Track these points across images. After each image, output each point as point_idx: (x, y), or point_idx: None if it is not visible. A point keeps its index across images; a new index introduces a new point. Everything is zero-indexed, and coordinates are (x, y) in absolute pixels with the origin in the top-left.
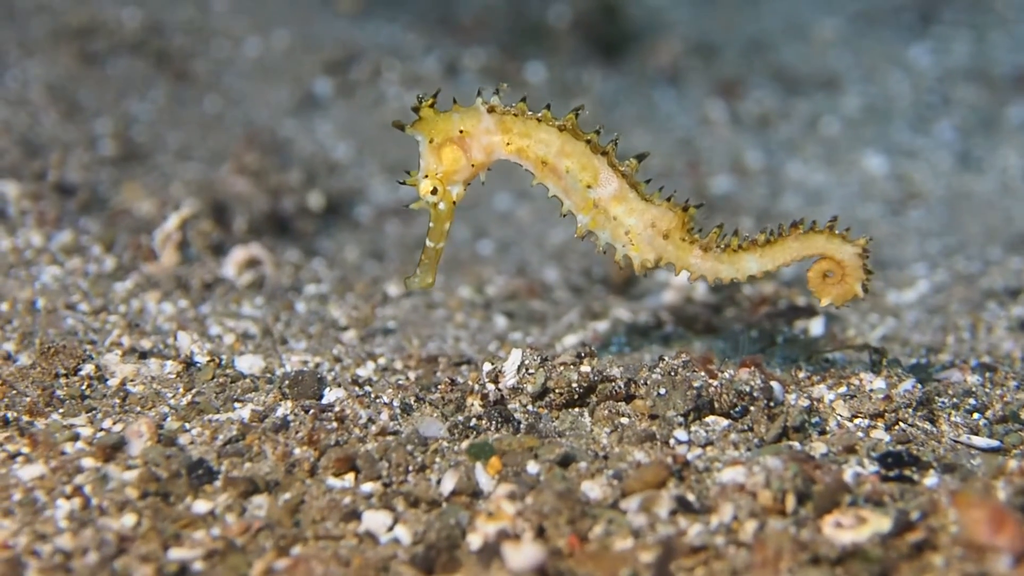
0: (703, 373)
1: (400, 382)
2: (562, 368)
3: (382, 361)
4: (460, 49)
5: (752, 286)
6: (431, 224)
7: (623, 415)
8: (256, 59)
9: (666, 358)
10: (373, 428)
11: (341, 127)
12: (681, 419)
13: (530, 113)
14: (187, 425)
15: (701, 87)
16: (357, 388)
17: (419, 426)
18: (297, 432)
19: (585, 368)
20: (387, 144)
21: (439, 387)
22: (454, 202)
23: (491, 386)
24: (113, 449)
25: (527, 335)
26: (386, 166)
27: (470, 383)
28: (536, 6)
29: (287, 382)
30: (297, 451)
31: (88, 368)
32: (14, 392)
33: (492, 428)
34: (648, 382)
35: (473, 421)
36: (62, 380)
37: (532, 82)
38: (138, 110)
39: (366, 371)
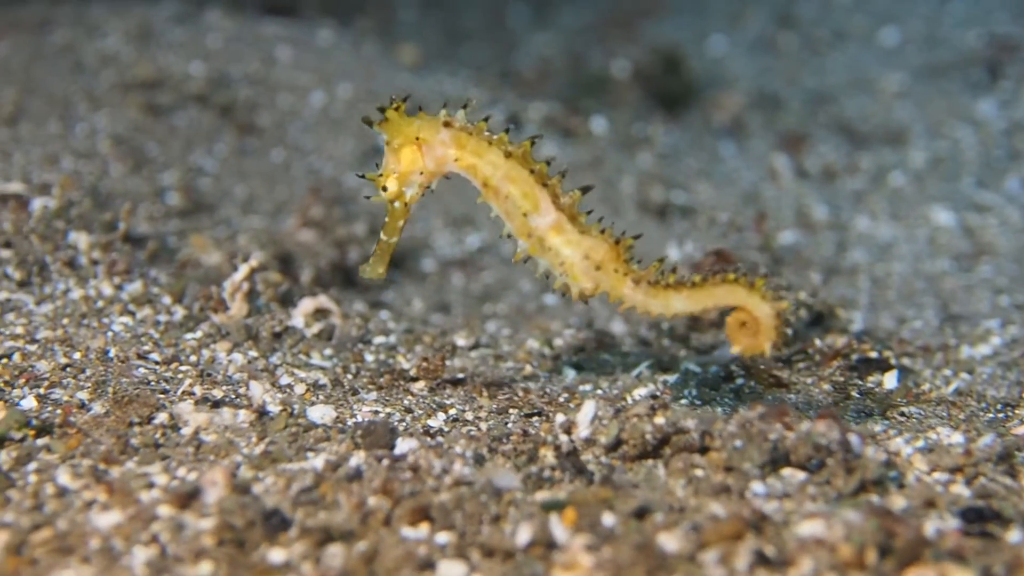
0: (779, 425)
1: (472, 433)
2: (635, 420)
3: (452, 412)
4: (523, 102)
5: (823, 342)
6: (386, 219)
7: (698, 467)
8: (320, 111)
9: (741, 410)
10: (447, 479)
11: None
12: (757, 472)
13: (487, 134)
14: (261, 474)
15: (765, 140)
16: (429, 438)
17: (493, 477)
18: (371, 482)
19: (659, 420)
20: (450, 197)
21: (511, 438)
22: (407, 203)
23: (564, 437)
24: (188, 497)
25: (597, 387)
26: (449, 219)
27: (543, 434)
28: (597, 59)
29: (360, 432)
30: (371, 501)
31: (162, 417)
32: (89, 440)
33: (566, 479)
34: (723, 434)
35: (547, 472)
36: (136, 429)
37: (596, 134)
38: (204, 162)
39: (437, 422)
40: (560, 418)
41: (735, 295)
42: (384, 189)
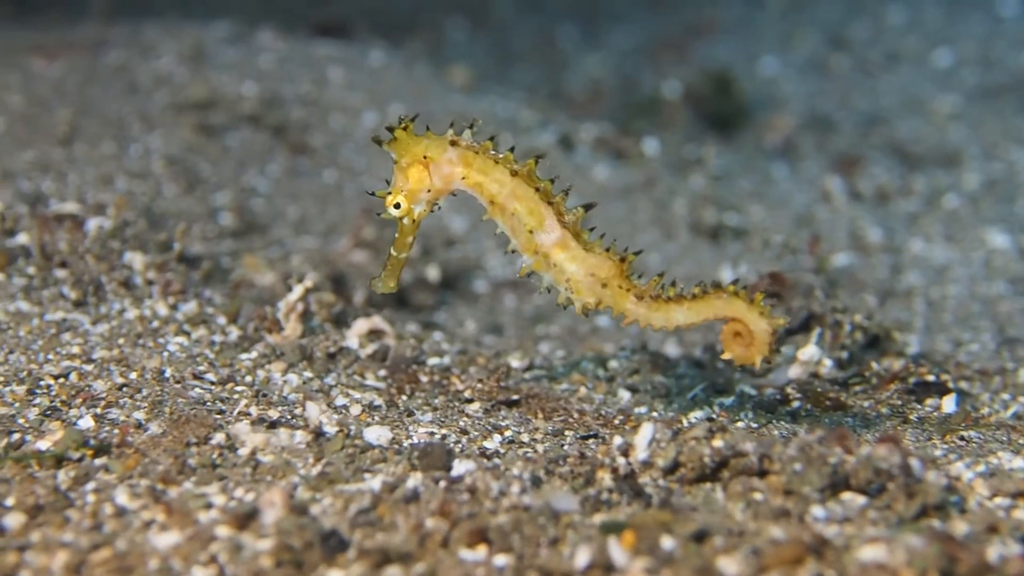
0: (839, 449)
1: (528, 455)
2: (693, 442)
3: (508, 434)
4: (574, 123)
5: (880, 365)
6: (396, 235)
7: (757, 491)
8: (373, 132)
9: (800, 433)
10: (504, 501)
11: (457, 200)
12: (817, 495)
13: (492, 152)
14: (319, 495)
15: (817, 162)
16: (486, 460)
17: (551, 499)
18: (429, 503)
19: (717, 443)
20: None
21: (568, 460)
22: (415, 220)
23: (622, 460)
24: (246, 518)
25: (652, 409)
26: (502, 240)
27: (600, 457)
28: (648, 81)
29: (416, 453)
30: (429, 522)
31: (219, 437)
32: (147, 460)
33: (624, 502)
34: (782, 458)
35: (604, 495)
36: (193, 449)
37: (648, 155)
38: (257, 182)
39: (493, 443)
40: (617, 440)
41: (734, 307)
42: (396, 207)
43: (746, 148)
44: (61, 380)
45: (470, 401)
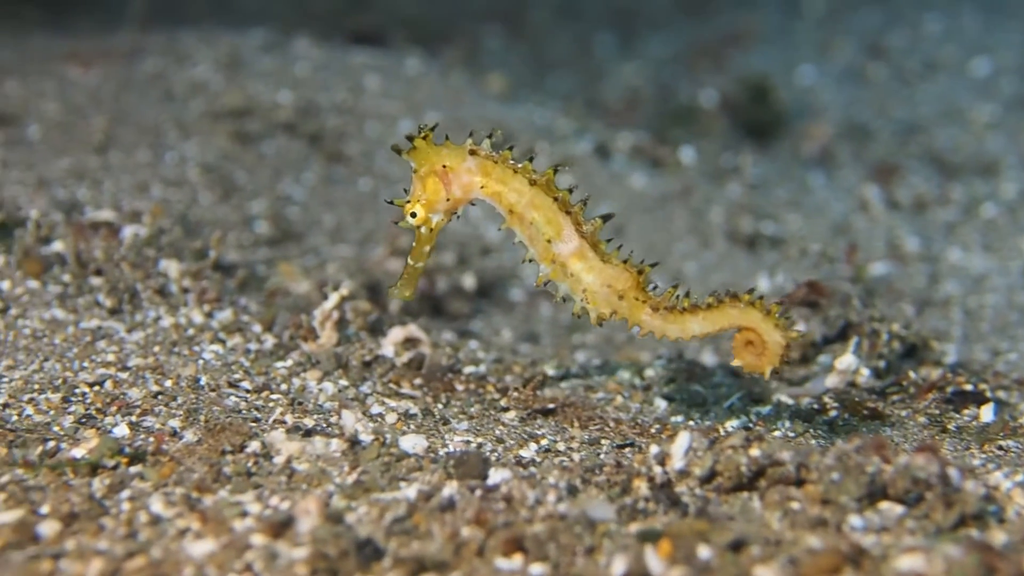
0: (876, 458)
1: (564, 463)
2: (730, 451)
3: (544, 442)
4: (611, 132)
5: (918, 374)
6: (413, 244)
7: (794, 500)
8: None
9: (837, 443)
10: (540, 509)
11: (493, 208)
12: (855, 505)
13: (511, 162)
14: (354, 503)
15: (855, 171)
16: (522, 469)
17: (587, 508)
18: (464, 512)
19: (754, 452)
20: None
21: (604, 469)
22: (432, 229)
23: (658, 468)
24: (282, 527)
25: (688, 418)
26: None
27: (636, 465)
28: (684, 89)
29: (452, 462)
30: (465, 531)
31: (254, 445)
32: (182, 468)
33: (660, 511)
34: (820, 467)
35: (641, 504)
36: (229, 457)
37: (685, 164)
38: (292, 190)
39: (529, 452)
40: (654, 449)
41: (750, 317)
42: (412, 215)
43: (783, 157)
44: (96, 388)
45: (506, 410)
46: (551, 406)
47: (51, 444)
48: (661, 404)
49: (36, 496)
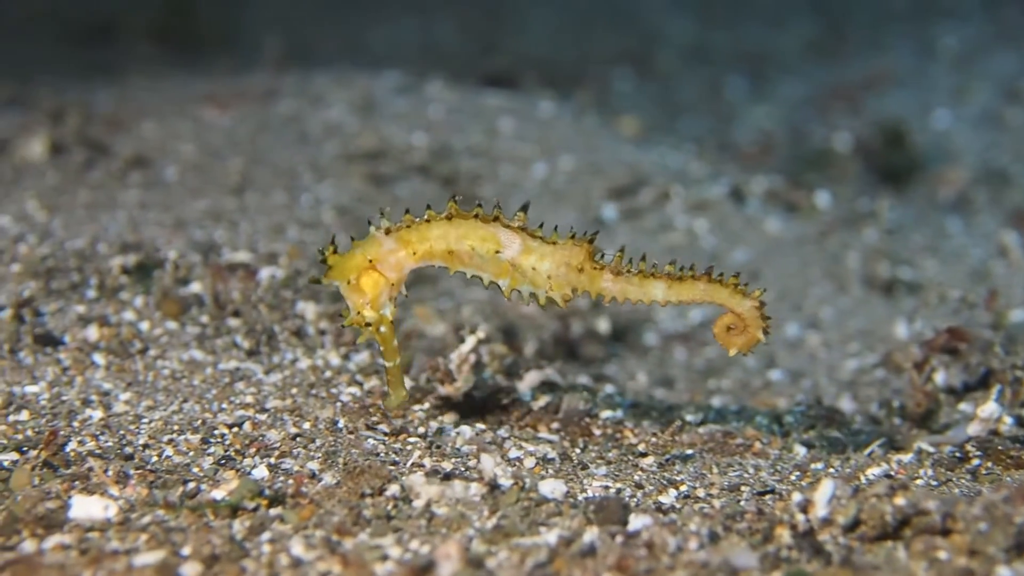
0: None
1: (705, 510)
2: (875, 500)
3: (684, 488)
4: (745, 175)
5: None
6: (381, 348)
7: (940, 549)
8: (542, 183)
9: (983, 492)
10: (682, 556)
11: (627, 252)
12: (1003, 555)
13: (417, 220)
14: (494, 548)
15: (993, 216)
16: (662, 515)
17: (729, 555)
18: (606, 558)
19: (899, 501)
20: None
21: (746, 516)
22: (391, 322)
23: (801, 516)
24: (423, 571)
25: (828, 465)
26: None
27: (778, 513)
28: (817, 133)
29: (592, 507)
30: None
31: (393, 488)
32: (322, 511)
33: (803, 559)
34: (966, 517)
35: (783, 552)
36: (368, 500)
37: (820, 208)
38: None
39: (668, 498)
40: (796, 496)
41: (716, 293)
42: (366, 325)
43: (918, 202)
44: (235, 429)
45: (644, 455)
46: (690, 452)
47: (191, 485)
48: (801, 451)
49: (177, 537)
